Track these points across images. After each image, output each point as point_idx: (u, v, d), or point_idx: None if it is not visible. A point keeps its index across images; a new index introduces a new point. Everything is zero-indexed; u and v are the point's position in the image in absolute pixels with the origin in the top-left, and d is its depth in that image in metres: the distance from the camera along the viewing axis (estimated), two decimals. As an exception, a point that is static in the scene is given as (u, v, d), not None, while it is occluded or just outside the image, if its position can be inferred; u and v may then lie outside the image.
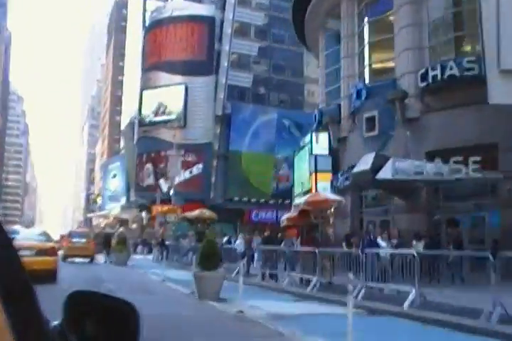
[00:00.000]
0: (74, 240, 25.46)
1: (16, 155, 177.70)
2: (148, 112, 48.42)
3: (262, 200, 46.13)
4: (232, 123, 46.63)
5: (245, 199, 46.54)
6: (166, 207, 41.80)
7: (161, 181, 44.37)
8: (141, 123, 49.22)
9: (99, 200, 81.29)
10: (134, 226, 59.26)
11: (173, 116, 46.50)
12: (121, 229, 39.06)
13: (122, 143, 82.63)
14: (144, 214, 58.00)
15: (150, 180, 47.07)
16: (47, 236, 15.27)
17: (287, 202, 32.50)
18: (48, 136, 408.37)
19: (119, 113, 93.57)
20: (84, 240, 25.58)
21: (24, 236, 13.73)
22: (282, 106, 50.22)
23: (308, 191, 23.44)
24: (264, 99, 50.80)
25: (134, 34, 62.88)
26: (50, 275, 12.48)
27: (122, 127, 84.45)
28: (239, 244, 20.54)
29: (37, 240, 13.98)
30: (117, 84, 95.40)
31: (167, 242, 28.37)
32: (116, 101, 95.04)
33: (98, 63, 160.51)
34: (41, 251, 12.91)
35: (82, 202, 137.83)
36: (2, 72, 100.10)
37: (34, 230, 19.55)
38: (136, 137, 51.29)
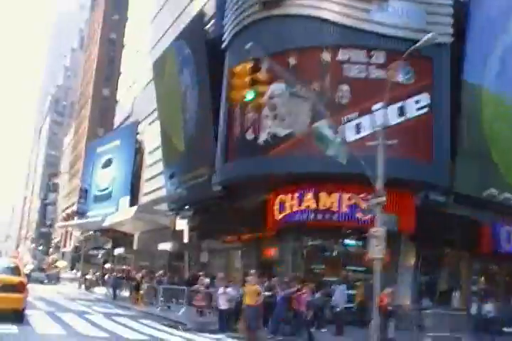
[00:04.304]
0: None
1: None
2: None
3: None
4: (469, 24, 19.59)
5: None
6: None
7: (322, 124, 15.90)
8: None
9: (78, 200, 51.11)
10: (167, 246, 30.13)
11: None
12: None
13: (118, 120, 54.11)
14: (184, 221, 28.73)
15: (268, 130, 18.21)
16: (16, 269, 12.31)
17: None
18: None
19: (108, 84, 66.63)
20: None
21: None
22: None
23: None
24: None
25: None
26: (16, 315, 11.29)
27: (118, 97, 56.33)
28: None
29: (3, 273, 11.71)
30: (108, 44, 68.64)
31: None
32: (104, 68, 68.09)
33: (64, 49, 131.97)
34: (7, 287, 10.97)
35: (36, 215, 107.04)
36: None
37: (2, 261, 14.03)
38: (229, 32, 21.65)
